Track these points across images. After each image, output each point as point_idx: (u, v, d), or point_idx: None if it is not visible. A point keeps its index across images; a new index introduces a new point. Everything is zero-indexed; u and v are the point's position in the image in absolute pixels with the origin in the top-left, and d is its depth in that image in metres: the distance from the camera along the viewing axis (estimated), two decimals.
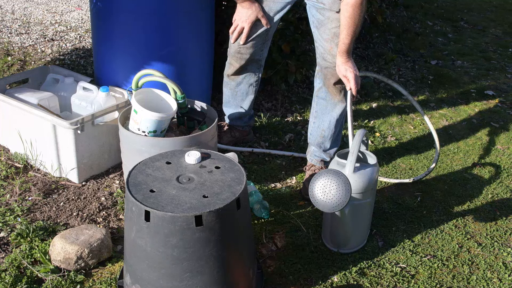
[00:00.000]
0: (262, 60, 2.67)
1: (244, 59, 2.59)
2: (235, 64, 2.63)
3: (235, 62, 2.62)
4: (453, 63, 4.54)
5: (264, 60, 2.69)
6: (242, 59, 2.59)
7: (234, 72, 2.67)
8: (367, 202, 2.13)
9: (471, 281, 2.08)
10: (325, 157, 2.61)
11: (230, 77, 2.72)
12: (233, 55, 2.61)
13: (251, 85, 2.73)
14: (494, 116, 3.56)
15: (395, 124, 3.36)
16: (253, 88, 2.75)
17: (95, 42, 2.81)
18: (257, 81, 2.74)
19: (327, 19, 2.28)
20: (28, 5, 5.13)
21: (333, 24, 2.27)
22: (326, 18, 2.28)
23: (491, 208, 2.55)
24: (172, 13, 2.57)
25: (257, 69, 2.70)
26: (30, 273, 1.94)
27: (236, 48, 2.56)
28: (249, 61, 2.61)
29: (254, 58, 2.61)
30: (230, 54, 2.63)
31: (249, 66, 2.65)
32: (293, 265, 2.11)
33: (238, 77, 2.70)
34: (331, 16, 2.26)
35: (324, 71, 2.40)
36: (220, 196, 1.64)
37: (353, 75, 2.23)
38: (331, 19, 2.27)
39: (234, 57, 2.60)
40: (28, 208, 2.30)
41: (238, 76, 2.69)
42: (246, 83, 2.72)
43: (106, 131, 2.52)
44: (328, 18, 2.28)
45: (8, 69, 3.62)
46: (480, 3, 6.66)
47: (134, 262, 1.70)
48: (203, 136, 2.23)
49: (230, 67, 2.67)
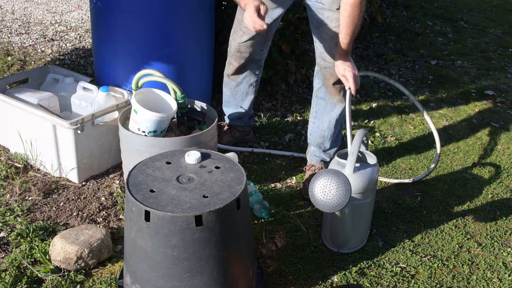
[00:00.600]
0: (262, 60, 2.67)
1: (243, 58, 2.59)
2: (234, 63, 2.62)
3: (234, 61, 2.62)
4: (453, 63, 4.54)
5: (264, 61, 2.69)
6: (242, 58, 2.59)
7: (234, 71, 2.67)
8: (367, 202, 2.13)
9: (471, 281, 2.08)
10: (325, 157, 2.61)
11: (230, 77, 2.72)
12: (233, 54, 2.60)
13: (251, 85, 2.73)
14: (494, 116, 3.56)
15: (395, 124, 3.36)
16: (253, 88, 2.75)
17: (95, 42, 2.81)
18: (257, 81, 2.74)
19: (326, 19, 2.28)
20: (28, 5, 5.13)
21: (332, 24, 2.27)
22: (326, 18, 2.28)
23: (491, 208, 2.55)
24: (172, 13, 2.57)
25: (257, 69, 2.69)
26: (30, 273, 1.94)
27: (236, 46, 2.56)
28: (248, 60, 2.60)
29: (254, 58, 2.61)
30: (230, 53, 2.63)
31: (249, 66, 2.65)
32: (293, 265, 2.11)
33: (238, 77, 2.70)
34: (331, 16, 2.26)
35: (324, 71, 2.40)
36: (220, 196, 1.64)
37: (351, 74, 2.23)
38: (331, 19, 2.27)
39: (234, 56, 2.60)
40: (28, 208, 2.30)
41: (238, 76, 2.69)
42: (246, 83, 2.72)
43: (106, 131, 2.52)
44: (327, 18, 2.28)
45: (8, 69, 3.62)
46: (480, 3, 6.66)
47: (134, 262, 1.70)
48: (203, 136, 2.23)
49: (230, 67, 2.67)
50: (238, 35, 2.53)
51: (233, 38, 2.57)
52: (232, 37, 2.58)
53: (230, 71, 2.68)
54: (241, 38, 2.52)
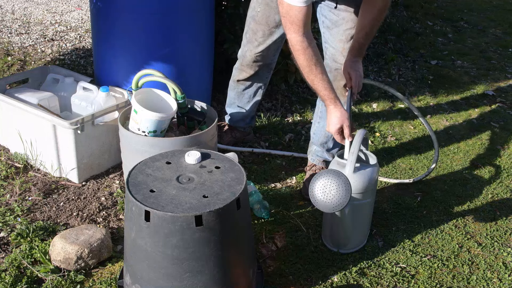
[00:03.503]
0: (273, 64, 2.65)
1: (258, 66, 2.57)
2: (249, 71, 2.60)
3: (249, 69, 2.59)
4: (453, 63, 4.54)
5: (275, 64, 2.67)
6: (257, 66, 2.57)
7: (246, 78, 2.64)
8: (367, 202, 2.13)
9: (471, 281, 2.08)
10: (328, 157, 2.60)
11: (240, 82, 2.69)
12: (248, 64, 2.57)
13: (260, 88, 2.72)
14: (494, 116, 3.56)
15: (395, 124, 3.36)
16: (261, 91, 2.74)
17: (95, 42, 2.81)
18: (265, 84, 2.72)
19: (342, 19, 2.22)
20: (28, 5, 5.13)
21: (348, 25, 2.21)
22: (341, 19, 2.22)
23: (491, 208, 2.55)
24: (172, 13, 2.57)
25: (267, 73, 2.67)
26: (30, 273, 1.94)
27: (253, 57, 2.52)
28: (262, 66, 2.59)
29: (267, 62, 2.59)
30: (244, 62, 2.58)
31: (261, 71, 2.63)
32: (293, 265, 2.11)
33: (248, 82, 2.68)
34: (347, 16, 2.20)
35: (334, 73, 2.34)
36: (220, 196, 1.64)
37: (355, 74, 2.21)
38: (347, 20, 2.21)
39: (250, 65, 2.57)
40: (28, 208, 2.30)
41: (248, 81, 2.68)
42: (255, 86, 2.70)
43: (106, 131, 2.52)
44: (343, 19, 2.21)
45: (8, 69, 3.62)
46: (480, 3, 6.65)
47: (134, 262, 1.70)
48: (203, 136, 2.23)
49: (242, 73, 2.63)
50: (254, 45, 2.48)
51: (249, 49, 2.52)
52: (246, 47, 2.53)
53: (242, 77, 2.65)
54: (257, 48, 2.48)
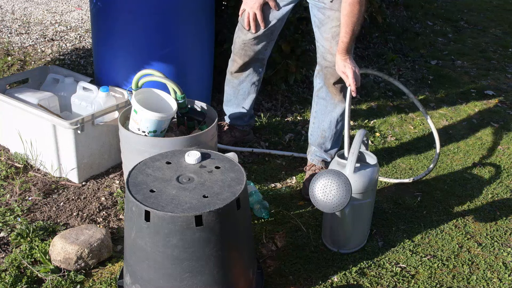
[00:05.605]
0: (265, 60, 2.67)
1: (248, 56, 2.58)
2: (238, 60, 2.62)
3: (238, 59, 2.62)
4: (453, 63, 4.54)
5: (266, 60, 2.69)
6: (246, 56, 2.59)
7: (238, 69, 2.66)
8: (367, 202, 2.13)
9: (471, 281, 2.08)
10: (326, 157, 2.60)
11: (233, 75, 2.71)
12: (237, 52, 2.60)
13: (254, 84, 2.73)
14: (494, 116, 3.56)
15: (395, 124, 3.36)
16: (255, 87, 2.75)
17: (95, 42, 2.81)
18: (259, 80, 2.74)
19: (327, 18, 2.28)
20: (28, 5, 5.13)
21: (333, 23, 2.27)
22: (327, 17, 2.28)
23: (491, 208, 2.55)
24: (172, 13, 2.57)
25: (260, 68, 2.69)
26: (30, 273, 1.94)
27: (241, 44, 2.55)
28: (252, 59, 2.60)
29: (257, 56, 2.61)
30: (234, 50, 2.62)
31: (252, 64, 2.65)
32: (293, 265, 2.11)
33: (241, 75, 2.69)
34: (332, 15, 2.26)
35: (324, 71, 2.40)
36: (220, 196, 1.64)
37: (351, 71, 2.22)
38: (332, 18, 2.27)
39: (238, 53, 2.60)
40: (28, 208, 2.30)
41: (241, 74, 2.69)
42: (248, 82, 2.72)
43: (106, 131, 2.52)
44: (328, 17, 2.28)
45: (8, 69, 3.62)
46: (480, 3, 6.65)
47: (134, 262, 1.70)
48: (203, 136, 2.23)
49: (234, 64, 2.66)
50: (243, 33, 2.52)
51: (238, 35, 2.57)
52: (236, 34, 2.58)
53: (234, 69, 2.68)
54: (246, 36, 2.52)
